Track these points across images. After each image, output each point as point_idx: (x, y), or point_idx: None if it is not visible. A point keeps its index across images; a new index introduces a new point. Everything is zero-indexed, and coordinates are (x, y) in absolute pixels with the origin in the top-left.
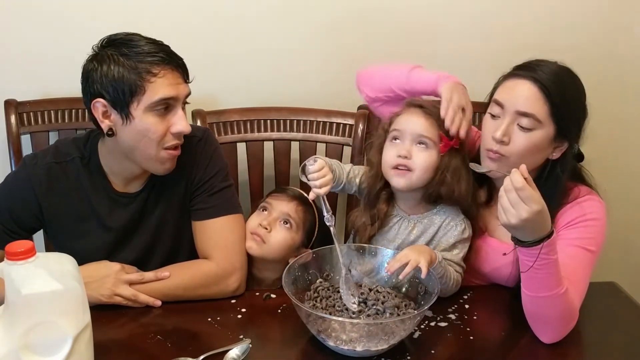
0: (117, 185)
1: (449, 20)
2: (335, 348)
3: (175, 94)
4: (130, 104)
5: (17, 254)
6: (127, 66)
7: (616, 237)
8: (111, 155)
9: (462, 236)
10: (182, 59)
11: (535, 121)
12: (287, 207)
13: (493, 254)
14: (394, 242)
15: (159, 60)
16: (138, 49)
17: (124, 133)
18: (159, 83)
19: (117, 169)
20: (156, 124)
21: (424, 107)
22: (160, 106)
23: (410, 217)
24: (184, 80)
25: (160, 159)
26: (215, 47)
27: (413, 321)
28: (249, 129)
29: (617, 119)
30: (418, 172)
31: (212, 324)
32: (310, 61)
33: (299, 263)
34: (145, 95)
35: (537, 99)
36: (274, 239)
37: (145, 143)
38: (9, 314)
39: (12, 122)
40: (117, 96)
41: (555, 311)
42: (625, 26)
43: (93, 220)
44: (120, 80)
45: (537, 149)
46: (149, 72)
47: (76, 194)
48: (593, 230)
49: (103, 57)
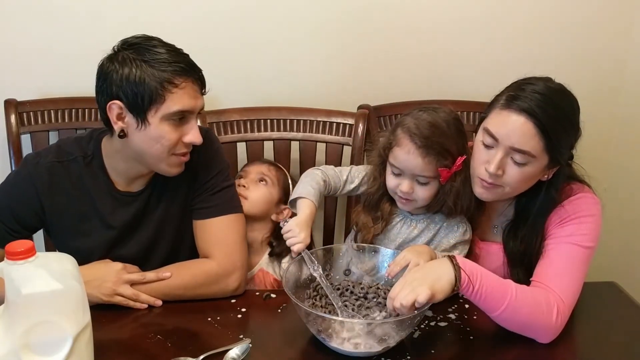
0: (120, 185)
1: (450, 21)
2: (335, 348)
3: (193, 106)
4: (148, 110)
5: (17, 253)
6: (150, 73)
7: (616, 237)
8: (118, 155)
9: (463, 237)
10: (202, 70)
11: (529, 157)
12: (261, 167)
13: (487, 256)
14: (395, 241)
15: (180, 71)
16: (160, 56)
17: (136, 137)
18: (179, 94)
19: (122, 169)
20: (170, 133)
21: (421, 144)
22: (177, 116)
23: (412, 217)
24: (201, 93)
25: (169, 163)
26: (215, 46)
27: (413, 321)
28: (249, 129)
29: (616, 119)
30: (420, 202)
31: (212, 323)
32: (310, 61)
33: (298, 262)
34: (165, 104)
35: (533, 135)
36: (254, 194)
37: (157, 149)
38: (9, 314)
39: (12, 122)
40: (135, 101)
41: (520, 316)
42: (625, 26)
43: (95, 218)
44: (142, 86)
45: (531, 178)
46: (170, 83)
47: (78, 193)
48: (586, 227)
49: (125, 60)
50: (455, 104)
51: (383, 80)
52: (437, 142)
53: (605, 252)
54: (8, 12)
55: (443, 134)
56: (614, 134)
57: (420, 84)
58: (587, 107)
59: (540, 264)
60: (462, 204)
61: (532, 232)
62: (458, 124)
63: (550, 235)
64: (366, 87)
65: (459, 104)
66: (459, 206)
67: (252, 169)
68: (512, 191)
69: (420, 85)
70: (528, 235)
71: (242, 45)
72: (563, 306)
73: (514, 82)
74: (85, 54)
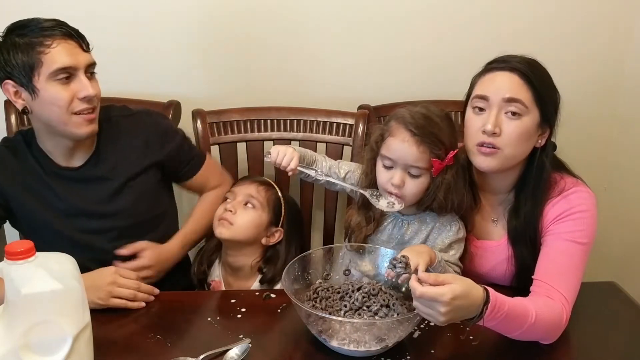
0: (60, 161)
1: (450, 21)
2: (335, 348)
3: (73, 62)
4: (32, 77)
5: (16, 253)
6: (23, 44)
7: (616, 237)
8: (41, 132)
9: (457, 236)
10: (77, 29)
11: (522, 106)
12: (249, 189)
13: (485, 255)
14: (388, 242)
15: (50, 32)
16: (33, 27)
17: (36, 108)
18: (53, 53)
19: (51, 145)
20: (60, 92)
21: (416, 132)
22: (61, 75)
23: (403, 217)
24: (82, 49)
25: (74, 124)
26: (215, 46)
27: (413, 321)
28: (249, 129)
29: (616, 119)
30: (409, 197)
31: (212, 323)
32: (310, 61)
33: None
34: (43, 66)
35: (521, 85)
36: (240, 219)
37: (56, 112)
38: (8, 314)
39: (12, 122)
40: (20, 74)
41: (537, 334)
42: (624, 26)
43: (49, 195)
44: (18, 57)
45: (527, 136)
46: (42, 45)
47: (27, 172)
48: (582, 222)
49: (5, 42)
50: (455, 104)
51: (383, 80)
52: (431, 132)
53: (605, 252)
54: (8, 12)
55: (436, 126)
56: (614, 134)
57: (420, 84)
58: (587, 107)
59: (541, 261)
60: (453, 199)
61: (533, 208)
62: (449, 120)
63: (548, 231)
64: (366, 87)
65: (459, 104)
66: (450, 201)
67: (240, 190)
68: (511, 152)
69: (420, 85)
70: (529, 211)
71: (242, 45)
72: (567, 305)
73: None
74: None
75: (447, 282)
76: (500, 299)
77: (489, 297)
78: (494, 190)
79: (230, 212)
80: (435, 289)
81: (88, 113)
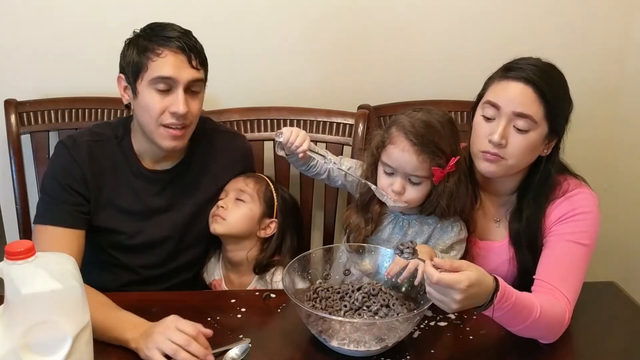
0: (147, 164)
1: (450, 21)
2: (335, 348)
3: (174, 74)
4: (137, 79)
5: (16, 253)
6: (141, 46)
7: (616, 237)
8: (137, 133)
9: (458, 237)
10: (196, 46)
11: (532, 122)
12: (238, 183)
13: (486, 256)
14: (389, 242)
15: (166, 42)
16: (159, 32)
17: (135, 108)
18: (159, 62)
19: (144, 147)
20: (154, 101)
21: (416, 142)
22: (160, 84)
23: (404, 217)
24: (190, 65)
25: (159, 135)
26: (215, 46)
27: (413, 321)
28: (249, 129)
29: (616, 119)
30: (411, 202)
31: (212, 323)
32: (310, 61)
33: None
34: (147, 72)
35: (533, 100)
36: (232, 214)
37: (146, 118)
38: (8, 314)
39: (12, 122)
40: (130, 71)
41: (539, 330)
42: (624, 26)
43: (129, 196)
44: (134, 57)
45: (533, 148)
46: (154, 51)
47: (113, 170)
48: (585, 224)
49: (133, 38)
50: (455, 104)
51: (383, 80)
52: (431, 140)
53: (605, 252)
54: (8, 12)
55: (437, 134)
56: (614, 134)
57: (420, 84)
58: (587, 107)
59: (543, 262)
60: (455, 206)
61: (535, 212)
62: (452, 125)
63: (551, 232)
64: (366, 87)
65: (459, 104)
66: (452, 208)
67: (230, 186)
68: (515, 163)
69: (420, 85)
70: (532, 215)
71: (242, 45)
72: (569, 306)
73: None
74: (85, 54)
75: (462, 269)
76: (509, 289)
77: (498, 286)
78: (497, 192)
79: (222, 208)
80: (452, 275)
81: (175, 129)
